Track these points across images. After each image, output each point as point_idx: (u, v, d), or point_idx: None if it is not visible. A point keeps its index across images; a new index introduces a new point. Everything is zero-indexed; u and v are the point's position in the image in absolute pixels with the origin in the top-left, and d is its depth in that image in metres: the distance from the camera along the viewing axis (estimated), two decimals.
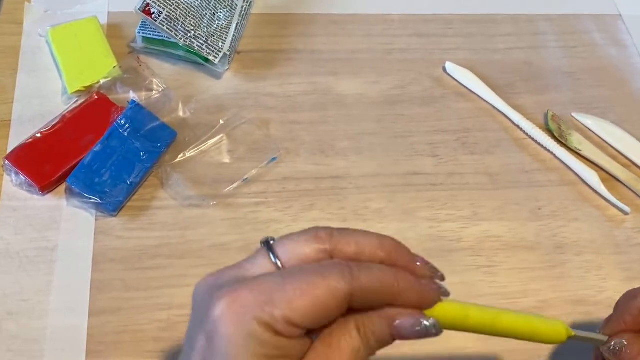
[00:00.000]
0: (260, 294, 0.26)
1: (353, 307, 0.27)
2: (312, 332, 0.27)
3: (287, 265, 0.28)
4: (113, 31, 0.59)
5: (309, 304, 0.26)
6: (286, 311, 0.25)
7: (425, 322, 0.28)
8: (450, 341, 0.46)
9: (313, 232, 0.28)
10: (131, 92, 0.54)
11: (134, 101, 0.52)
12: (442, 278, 0.30)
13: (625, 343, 0.35)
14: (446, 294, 0.29)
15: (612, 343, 0.35)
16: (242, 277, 0.27)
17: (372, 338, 0.27)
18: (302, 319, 0.26)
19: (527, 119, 0.58)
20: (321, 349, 0.27)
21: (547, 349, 0.46)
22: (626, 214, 0.54)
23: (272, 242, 0.28)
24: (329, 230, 0.28)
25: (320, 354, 0.27)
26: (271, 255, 0.28)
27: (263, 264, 0.28)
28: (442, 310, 0.29)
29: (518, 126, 0.58)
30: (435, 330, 0.28)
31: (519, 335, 0.31)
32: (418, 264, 0.29)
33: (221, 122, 0.54)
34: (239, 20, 0.58)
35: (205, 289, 0.28)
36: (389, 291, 0.27)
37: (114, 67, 0.55)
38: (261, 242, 0.29)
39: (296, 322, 0.26)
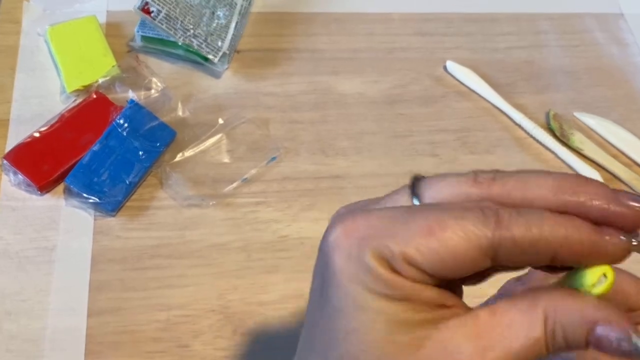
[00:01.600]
0: (379, 223, 0.22)
1: (502, 264, 0.22)
2: (455, 283, 0.23)
3: None
4: (112, 30, 0.58)
5: (434, 245, 0.21)
6: (405, 247, 0.21)
7: (637, 341, 0.21)
8: None
9: (472, 175, 0.23)
10: (130, 91, 0.53)
11: (132, 100, 0.52)
12: None
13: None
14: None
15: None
16: (371, 208, 0.24)
17: (561, 336, 0.21)
18: (424, 260, 0.21)
19: (529, 118, 0.57)
20: (486, 320, 0.22)
21: None
22: None
23: (421, 179, 0.24)
24: (491, 174, 0.23)
25: (482, 323, 0.22)
26: (412, 194, 0.24)
27: (401, 201, 0.24)
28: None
29: (519, 125, 0.57)
30: None
31: None
32: (617, 207, 0.22)
33: (220, 121, 0.54)
34: (238, 18, 0.58)
35: (334, 217, 0.24)
36: (551, 244, 0.21)
37: (113, 66, 0.54)
38: (411, 178, 0.24)
39: (416, 262, 0.21)
